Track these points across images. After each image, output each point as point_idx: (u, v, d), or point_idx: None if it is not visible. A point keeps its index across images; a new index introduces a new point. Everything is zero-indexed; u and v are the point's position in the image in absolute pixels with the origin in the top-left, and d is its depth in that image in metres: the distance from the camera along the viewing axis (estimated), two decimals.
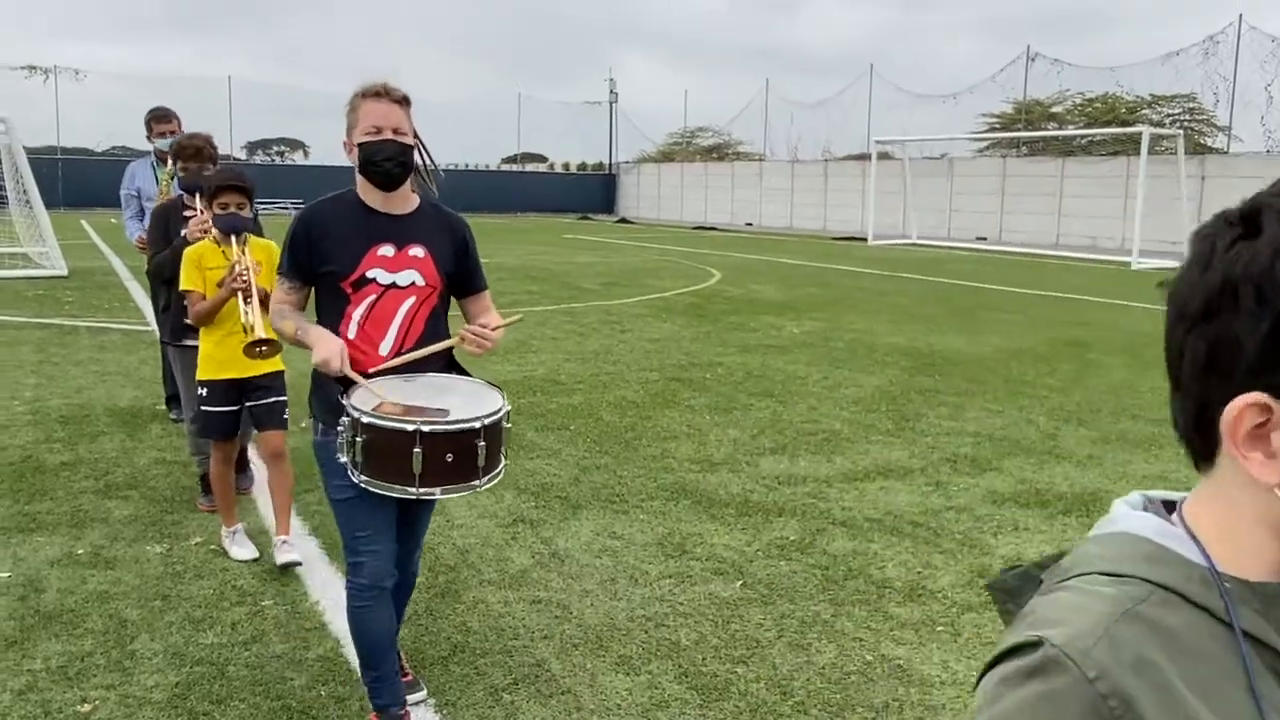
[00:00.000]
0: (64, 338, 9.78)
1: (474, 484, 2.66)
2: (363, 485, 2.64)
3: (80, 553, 4.32)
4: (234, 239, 4.12)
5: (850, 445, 6.25)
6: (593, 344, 9.88)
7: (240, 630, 3.63)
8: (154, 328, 6.51)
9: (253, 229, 4.29)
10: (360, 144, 2.77)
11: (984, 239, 31.24)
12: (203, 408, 4.28)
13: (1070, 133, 31.14)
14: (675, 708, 3.16)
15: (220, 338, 4.22)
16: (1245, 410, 0.70)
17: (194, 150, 4.66)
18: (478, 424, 2.61)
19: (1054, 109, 33.93)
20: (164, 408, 6.74)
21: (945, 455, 6.05)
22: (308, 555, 4.30)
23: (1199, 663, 0.70)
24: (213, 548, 4.41)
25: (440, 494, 2.63)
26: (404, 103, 2.82)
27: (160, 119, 6.12)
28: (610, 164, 51.55)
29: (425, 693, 3.20)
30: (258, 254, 4.19)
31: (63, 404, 7.00)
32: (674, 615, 3.81)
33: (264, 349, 3.77)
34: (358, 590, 2.88)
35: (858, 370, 8.69)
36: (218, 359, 4.23)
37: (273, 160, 51.57)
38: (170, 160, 5.88)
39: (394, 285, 2.82)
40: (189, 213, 4.63)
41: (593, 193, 49.49)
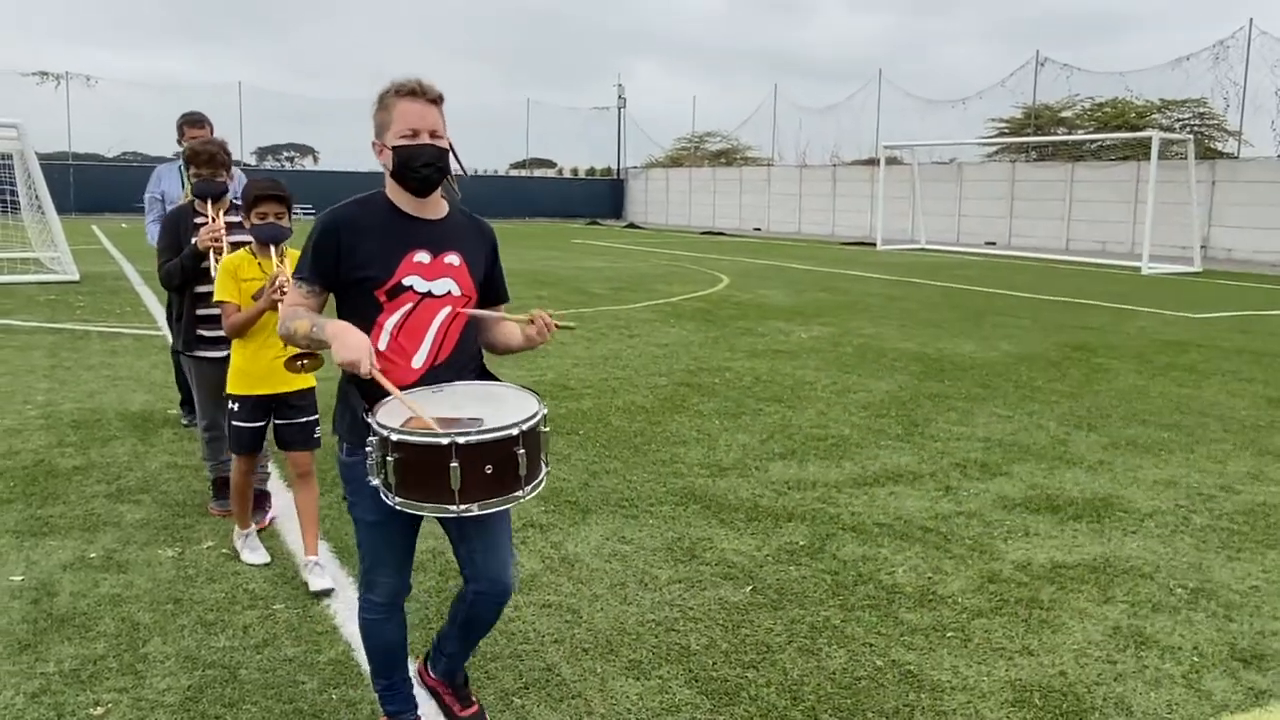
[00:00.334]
0: (76, 342, 9.83)
1: (516, 495, 2.49)
2: (399, 508, 2.46)
3: (92, 556, 4.34)
4: (273, 249, 4.05)
5: (860, 450, 6.25)
6: (601, 349, 9.89)
7: (252, 634, 3.65)
8: (165, 332, 6.47)
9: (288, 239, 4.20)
10: (396, 147, 2.61)
11: (993, 244, 31.20)
12: (233, 422, 4.20)
13: (1080, 137, 31.08)
14: (686, 712, 3.17)
15: (254, 351, 4.13)
16: None
17: (208, 156, 4.58)
18: (515, 430, 2.44)
19: (1063, 114, 33.88)
20: (176, 411, 6.74)
21: (955, 460, 6.05)
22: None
23: None
24: (224, 551, 4.43)
25: (478, 509, 2.44)
26: (439, 102, 2.66)
27: (193, 124, 5.98)
28: (619, 169, 51.65)
29: None
30: (293, 266, 4.17)
31: (75, 408, 7.03)
32: (684, 620, 3.81)
33: (305, 363, 3.68)
34: (371, 606, 2.82)
35: (867, 375, 8.69)
36: (250, 374, 4.14)
37: (282, 165, 51.76)
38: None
39: (430, 294, 2.67)
40: (200, 219, 4.59)
41: (601, 198, 49.58)
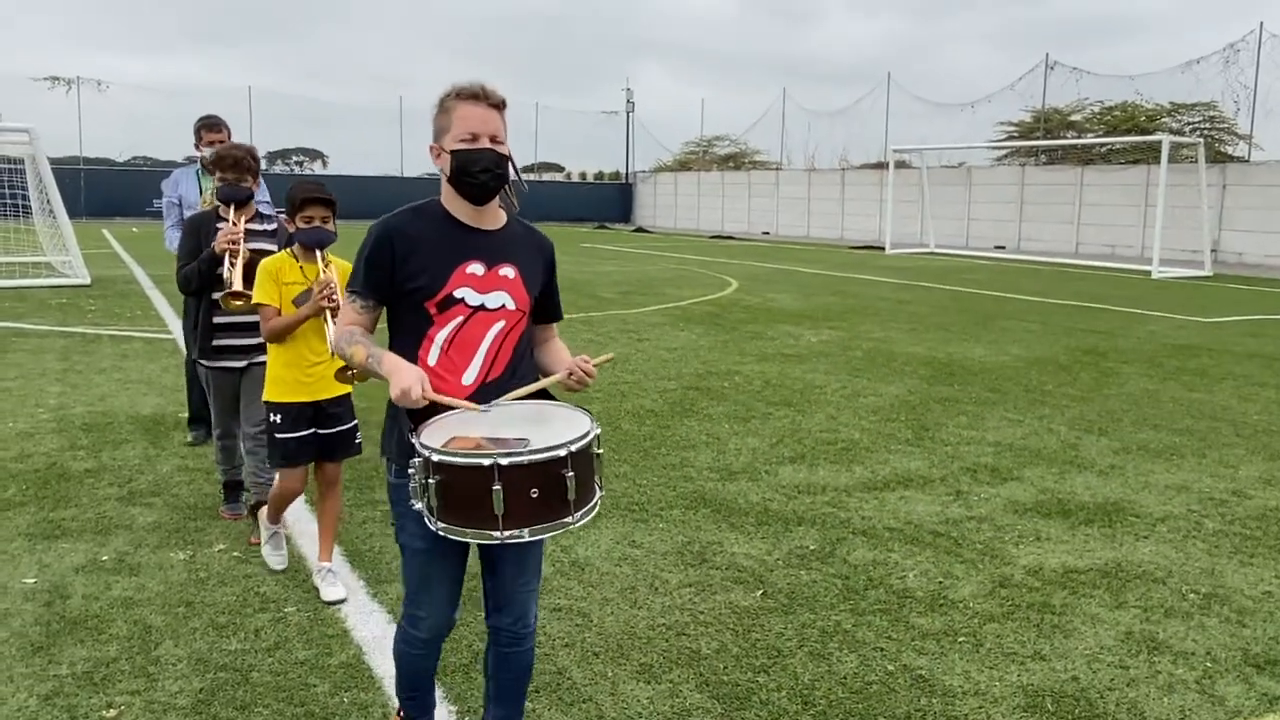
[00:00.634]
0: (87, 346, 9.87)
1: (565, 521, 2.33)
2: (441, 533, 2.33)
3: (105, 559, 4.36)
4: (318, 254, 3.96)
5: (870, 454, 6.24)
6: (611, 353, 9.89)
7: (263, 636, 3.65)
8: (176, 337, 6.42)
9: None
10: (454, 151, 2.48)
11: (1002, 247, 31.14)
12: (276, 435, 4.02)
13: (1089, 141, 31.01)
14: (696, 716, 3.16)
15: (291, 358, 3.99)
16: None
17: (233, 161, 4.47)
18: (563, 451, 2.28)
19: (1073, 117, 33.81)
20: (186, 429, 6.45)
21: (965, 465, 6.03)
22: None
23: None
24: (236, 554, 4.44)
25: (529, 535, 2.30)
26: (501, 107, 2.53)
27: (210, 128, 5.87)
28: (627, 173, 51.70)
29: None
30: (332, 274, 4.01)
31: (86, 412, 7.06)
32: (694, 624, 3.81)
33: (355, 373, 3.53)
34: (412, 640, 2.70)
35: (876, 379, 8.68)
36: (287, 380, 4.01)
37: (292, 170, 51.98)
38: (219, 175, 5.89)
39: (482, 307, 2.55)
40: (222, 225, 4.49)
41: (610, 202, 49.62)
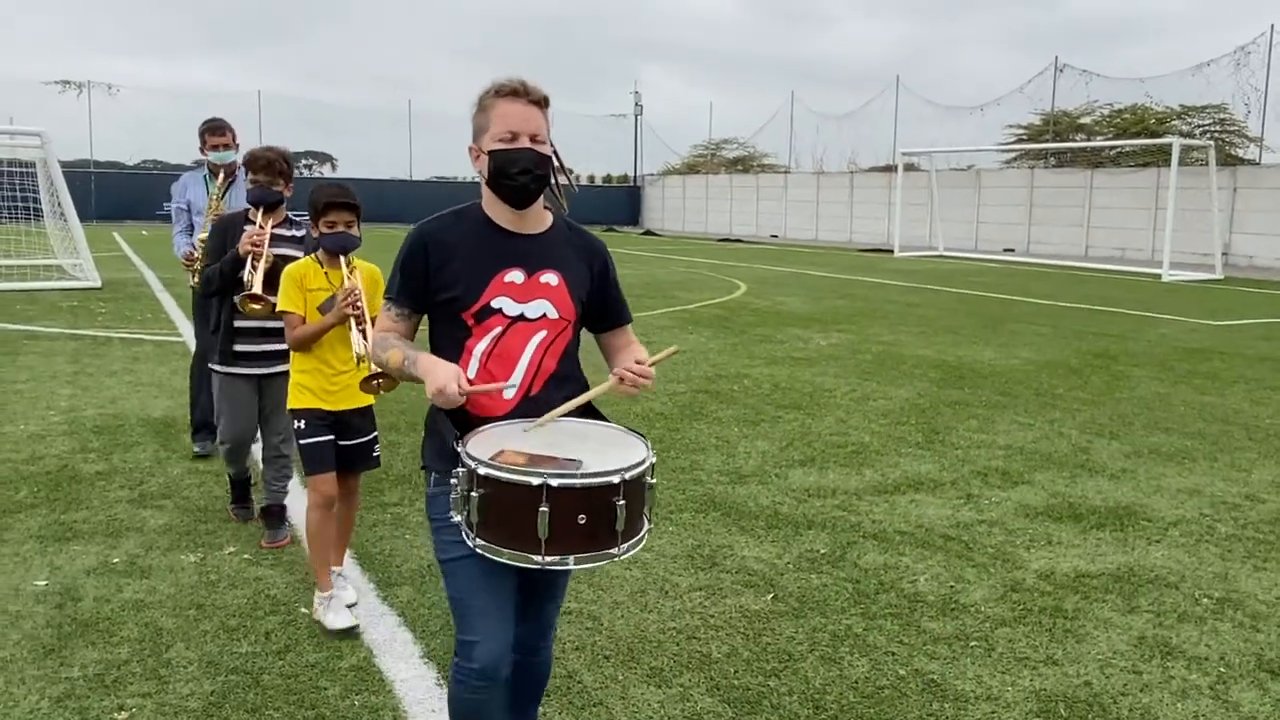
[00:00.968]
0: (98, 348, 9.90)
1: (610, 552, 2.17)
2: (478, 550, 2.19)
3: (116, 561, 4.37)
4: (342, 260, 3.85)
5: (880, 458, 6.22)
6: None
7: (274, 639, 3.66)
8: (187, 339, 6.38)
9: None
10: (492, 152, 2.34)
11: (1011, 250, 31.07)
12: (301, 441, 3.85)
13: (1099, 144, 30.92)
14: None
15: (316, 366, 3.86)
16: None
17: (265, 163, 4.35)
18: (616, 478, 2.14)
19: (1082, 120, 33.71)
20: (192, 423, 6.28)
21: (976, 468, 6.01)
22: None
23: None
24: (246, 556, 4.44)
25: (572, 563, 2.15)
26: (543, 104, 2.38)
27: (214, 131, 5.82)
28: (635, 176, 51.71)
29: None
30: (359, 280, 3.89)
31: (97, 414, 7.08)
32: (705, 628, 3.80)
33: (381, 381, 3.46)
34: (468, 676, 2.34)
35: (886, 382, 8.66)
36: (312, 389, 3.86)
37: (301, 173, 52.06)
38: (220, 173, 5.82)
39: (522, 317, 2.40)
40: (250, 227, 4.41)
41: (618, 205, 49.63)
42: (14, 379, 8.27)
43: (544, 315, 2.43)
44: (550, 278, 2.44)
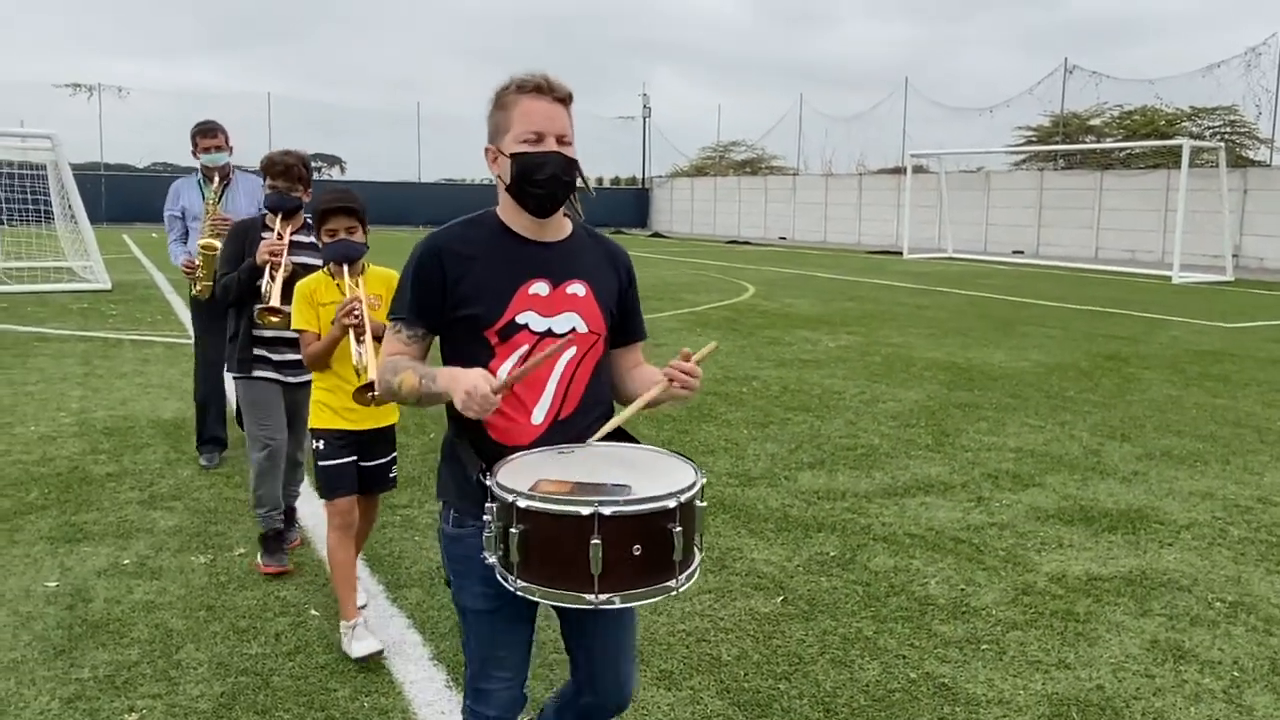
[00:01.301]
0: (108, 350, 9.94)
1: (669, 585, 1.94)
2: (520, 594, 1.94)
3: (126, 563, 4.37)
4: (345, 270, 3.64)
5: (890, 460, 6.20)
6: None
7: (284, 641, 3.66)
8: (192, 343, 6.33)
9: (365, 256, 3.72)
10: (515, 155, 2.12)
11: (1021, 252, 31.00)
12: (319, 463, 3.68)
13: (1109, 145, 30.85)
14: None
15: (334, 383, 3.67)
16: None
17: (284, 168, 4.19)
18: (671, 502, 1.91)
19: (1092, 122, 33.63)
20: (198, 435, 6.04)
21: (986, 471, 5.99)
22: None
23: None
24: (257, 559, 4.44)
25: (622, 600, 1.91)
26: (568, 102, 2.16)
27: (205, 133, 5.77)
28: (643, 178, 51.73)
29: None
30: (376, 286, 3.68)
31: (107, 416, 7.10)
32: (715, 630, 3.79)
33: (375, 394, 3.22)
34: None
35: (895, 385, 8.64)
36: (333, 407, 3.68)
37: (313, 178, 52.19)
38: (215, 176, 5.85)
39: (549, 333, 2.17)
40: (269, 234, 4.25)
41: (626, 207, 49.65)
42: (25, 381, 8.30)
43: (573, 330, 2.20)
44: (577, 288, 2.22)
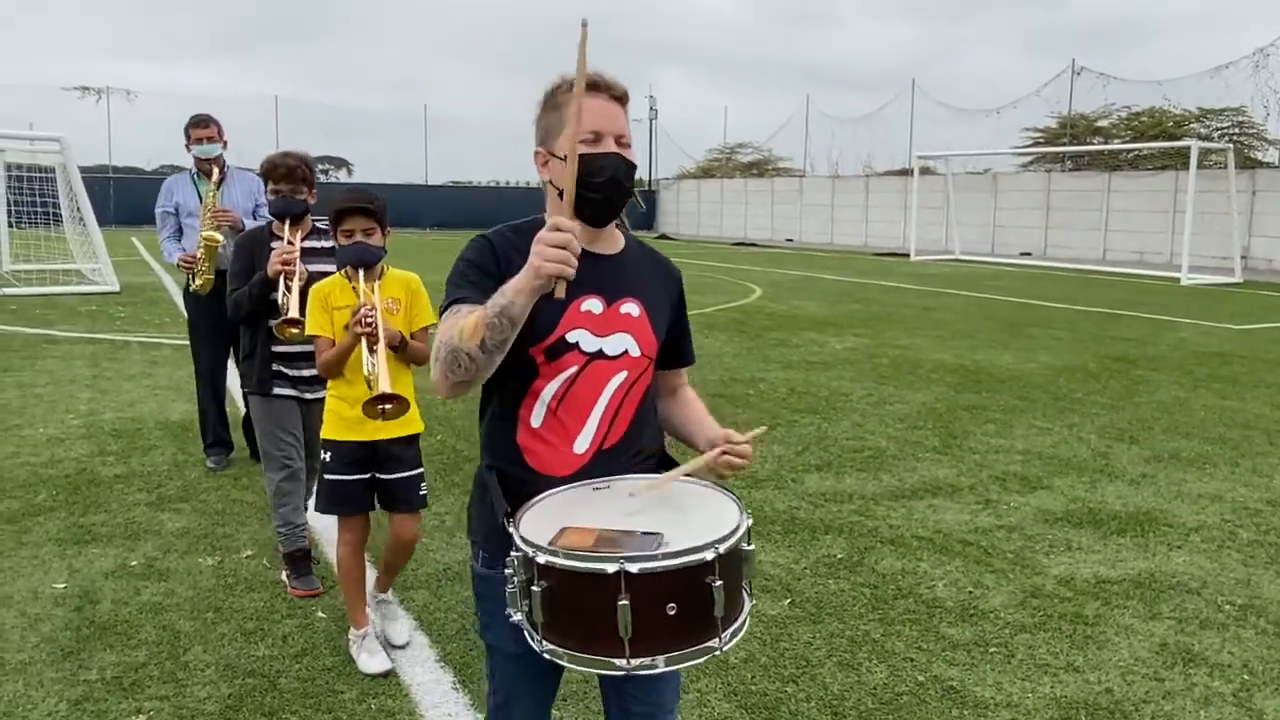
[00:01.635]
0: (116, 352, 9.97)
1: (710, 645, 1.74)
2: (548, 656, 1.75)
3: (134, 564, 4.38)
4: (361, 274, 3.44)
5: (897, 462, 6.19)
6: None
7: (291, 643, 3.66)
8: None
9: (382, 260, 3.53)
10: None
11: (1028, 254, 30.92)
12: (324, 476, 3.51)
13: (1117, 147, 30.76)
14: None
15: (345, 391, 3.50)
16: None
17: (286, 170, 4.04)
18: (709, 554, 1.71)
19: (1100, 123, 33.55)
20: (204, 439, 6.02)
21: (994, 473, 5.97)
22: None
23: None
24: (264, 561, 4.45)
25: (664, 664, 1.71)
26: (624, 101, 1.98)
27: (198, 125, 5.64)
28: (650, 180, 51.75)
29: None
30: (394, 289, 3.52)
31: (115, 417, 7.12)
32: None
33: (388, 407, 3.11)
34: None
35: (903, 387, 8.62)
36: (345, 416, 3.49)
37: (318, 179, 52.31)
38: (213, 170, 5.74)
39: (600, 354, 1.99)
40: (278, 242, 4.05)
41: (632, 208, 49.59)
42: (33, 383, 8.33)
43: (625, 352, 2.02)
44: (631, 307, 2.04)
